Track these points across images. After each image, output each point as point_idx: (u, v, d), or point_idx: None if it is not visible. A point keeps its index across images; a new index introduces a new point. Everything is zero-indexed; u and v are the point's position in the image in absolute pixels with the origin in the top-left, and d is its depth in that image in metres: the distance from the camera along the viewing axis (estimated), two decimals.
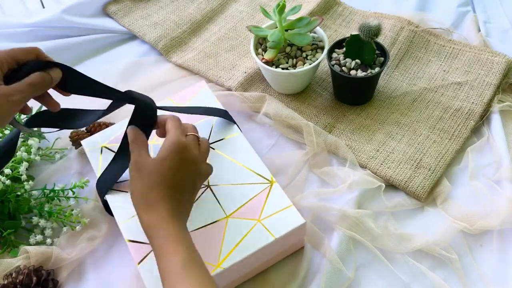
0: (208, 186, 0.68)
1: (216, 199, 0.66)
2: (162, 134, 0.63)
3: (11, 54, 0.55)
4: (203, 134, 0.74)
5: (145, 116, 0.64)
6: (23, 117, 0.82)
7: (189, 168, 0.58)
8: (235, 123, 0.75)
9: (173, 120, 0.61)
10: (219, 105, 0.78)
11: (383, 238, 0.69)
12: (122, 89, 0.90)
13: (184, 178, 0.57)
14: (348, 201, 0.72)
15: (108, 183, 0.68)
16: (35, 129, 0.78)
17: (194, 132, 0.62)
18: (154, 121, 0.64)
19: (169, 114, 0.63)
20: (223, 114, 0.76)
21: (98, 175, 0.71)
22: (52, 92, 0.62)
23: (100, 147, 0.74)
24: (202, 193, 0.67)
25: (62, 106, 0.65)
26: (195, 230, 0.64)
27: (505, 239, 0.69)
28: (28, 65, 0.57)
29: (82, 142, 0.75)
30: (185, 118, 0.76)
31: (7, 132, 0.80)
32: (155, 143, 0.70)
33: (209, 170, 0.62)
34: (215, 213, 0.65)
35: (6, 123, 0.55)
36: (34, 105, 0.84)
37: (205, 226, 0.64)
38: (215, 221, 0.64)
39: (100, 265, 0.69)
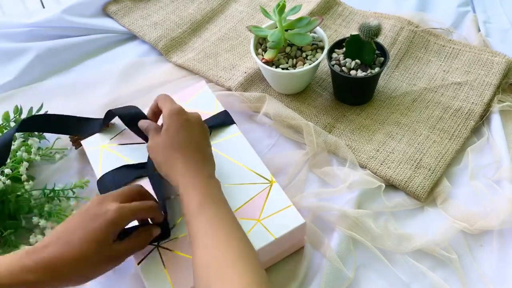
0: None
1: None
2: (157, 113, 0.69)
3: (135, 211, 0.57)
4: None
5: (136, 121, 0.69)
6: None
7: (192, 125, 0.63)
8: (234, 123, 0.75)
9: (162, 97, 0.67)
10: (219, 105, 0.78)
11: (383, 238, 0.69)
12: (123, 89, 0.91)
13: (190, 135, 0.62)
14: (348, 201, 0.72)
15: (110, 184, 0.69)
16: None
17: None
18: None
19: (158, 96, 0.68)
20: (223, 114, 0.76)
21: (98, 175, 0.71)
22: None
23: (100, 147, 0.74)
24: None
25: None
26: None
27: (505, 239, 0.69)
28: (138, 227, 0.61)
29: (82, 142, 0.75)
30: None
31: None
32: None
33: (199, 117, 0.66)
34: None
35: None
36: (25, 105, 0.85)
37: None
38: None
39: None
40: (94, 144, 0.74)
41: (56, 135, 0.81)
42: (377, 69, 0.81)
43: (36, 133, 0.81)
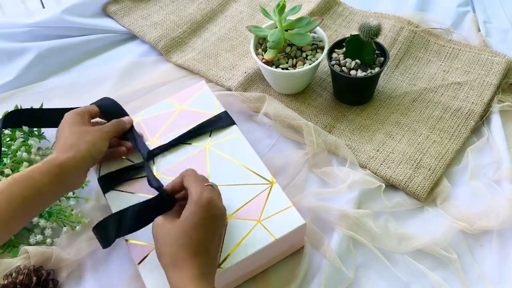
0: None
1: None
2: (177, 191, 0.61)
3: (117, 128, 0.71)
4: (203, 134, 0.74)
5: (115, 111, 0.74)
6: None
7: (216, 222, 0.58)
8: (235, 123, 0.75)
9: (190, 175, 0.60)
10: (219, 105, 0.78)
11: (383, 238, 0.69)
12: (123, 89, 0.91)
13: (210, 233, 0.56)
14: (348, 201, 0.72)
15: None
16: None
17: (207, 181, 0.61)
18: (121, 109, 0.75)
19: (184, 171, 0.61)
20: (223, 116, 0.76)
21: (97, 175, 0.71)
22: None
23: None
24: None
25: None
26: None
27: (505, 239, 0.69)
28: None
29: None
30: (184, 118, 0.76)
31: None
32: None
33: (225, 212, 0.61)
34: None
35: (103, 152, 0.66)
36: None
37: None
38: None
39: (100, 265, 0.69)
40: None
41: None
42: (377, 69, 0.81)
43: (36, 133, 0.81)
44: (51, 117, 0.73)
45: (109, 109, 0.74)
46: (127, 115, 0.75)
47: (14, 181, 0.57)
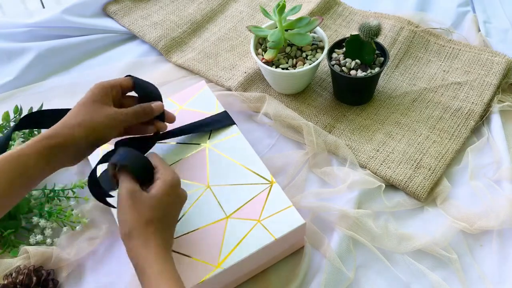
0: (208, 186, 0.68)
1: (216, 199, 0.66)
2: None
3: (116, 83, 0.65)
4: (203, 134, 0.74)
5: (150, 89, 0.69)
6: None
7: (180, 202, 0.60)
8: (235, 123, 0.75)
9: (157, 156, 0.63)
10: (219, 105, 0.78)
11: (383, 238, 0.69)
12: None
13: (176, 212, 0.60)
14: (348, 201, 0.72)
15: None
16: None
17: None
18: (156, 90, 0.70)
19: (149, 153, 0.64)
20: (223, 116, 0.76)
21: (97, 175, 0.71)
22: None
23: (99, 147, 0.73)
24: (202, 193, 0.67)
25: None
26: (195, 230, 0.64)
27: (505, 239, 0.69)
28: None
29: None
30: (184, 118, 0.76)
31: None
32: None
33: (186, 195, 0.62)
34: (215, 213, 0.65)
35: (105, 140, 0.63)
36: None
37: (205, 226, 0.64)
38: (215, 221, 0.64)
39: (100, 265, 0.69)
40: None
41: None
42: (377, 69, 0.81)
43: (36, 132, 0.81)
44: (57, 117, 0.73)
45: (144, 86, 0.69)
46: (161, 98, 0.70)
47: (3, 162, 0.55)
